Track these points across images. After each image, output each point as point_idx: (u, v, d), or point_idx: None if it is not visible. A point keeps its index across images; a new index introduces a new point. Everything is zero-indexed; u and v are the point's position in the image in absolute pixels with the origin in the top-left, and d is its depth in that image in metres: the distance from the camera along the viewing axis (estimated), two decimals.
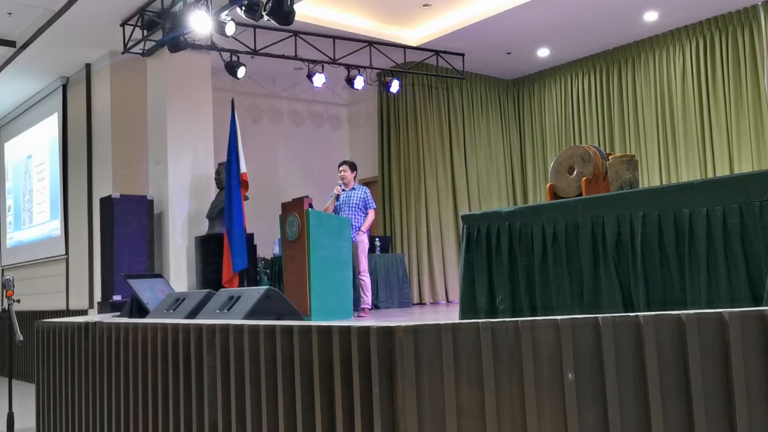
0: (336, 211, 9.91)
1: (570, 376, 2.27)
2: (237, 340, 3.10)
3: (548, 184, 5.71)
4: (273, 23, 9.25)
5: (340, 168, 10.10)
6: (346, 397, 2.47)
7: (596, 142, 13.48)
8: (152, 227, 10.95)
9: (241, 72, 11.45)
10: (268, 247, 12.80)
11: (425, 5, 11.62)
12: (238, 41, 11.14)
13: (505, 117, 15.03)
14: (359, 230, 9.75)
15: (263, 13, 9.02)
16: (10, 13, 10.73)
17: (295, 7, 9.20)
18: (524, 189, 14.96)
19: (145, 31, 10.54)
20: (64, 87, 13.22)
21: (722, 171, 11.74)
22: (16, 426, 6.47)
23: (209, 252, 10.64)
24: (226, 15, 9.39)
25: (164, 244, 11.07)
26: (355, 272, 9.68)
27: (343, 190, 9.95)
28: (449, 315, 9.62)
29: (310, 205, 8.95)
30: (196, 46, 11.04)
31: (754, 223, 4.14)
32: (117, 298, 10.28)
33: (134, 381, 4.03)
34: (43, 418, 5.58)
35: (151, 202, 11.05)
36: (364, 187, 10.13)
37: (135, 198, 10.91)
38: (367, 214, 9.93)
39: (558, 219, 5.16)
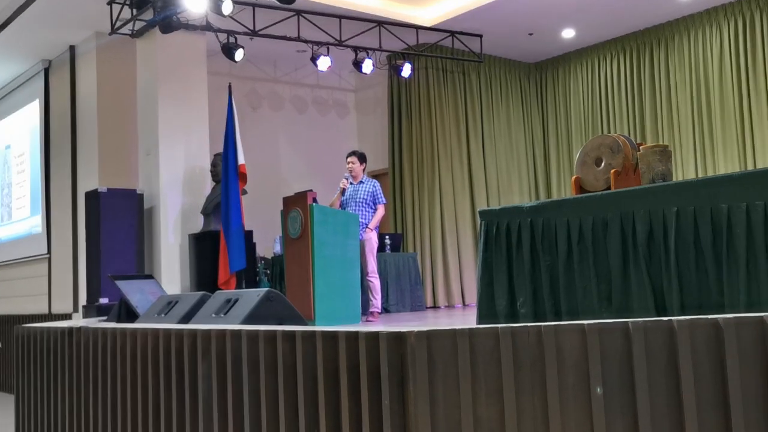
0: (342, 206, 9.91)
1: (598, 390, 2.27)
2: (234, 346, 3.11)
3: (573, 177, 5.71)
4: (274, 2, 9.26)
5: (348, 159, 10.09)
6: (353, 409, 2.47)
7: (626, 131, 13.45)
8: (142, 224, 10.98)
9: (239, 55, 11.45)
10: (268, 245, 12.81)
11: None
12: (236, 21, 11.14)
13: (527, 104, 15.01)
14: (367, 227, 9.74)
15: None
16: None
17: None
18: (547, 182, 14.94)
19: (135, 10, 10.55)
20: (46, 71, 13.25)
21: (763, 162, 11.71)
22: None
23: (204, 251, 10.66)
24: None
25: (155, 242, 11.09)
26: (363, 273, 9.68)
27: (351, 183, 9.95)
28: (465, 319, 9.62)
29: (314, 200, 8.95)
30: (190, 27, 11.05)
31: None
32: (104, 301, 10.30)
33: (122, 391, 4.04)
34: (23, 431, 5.60)
35: (141, 196, 11.06)
36: (374, 181, 10.12)
37: (123, 192, 10.93)
38: (376, 209, 9.92)
39: (584, 215, 5.16)
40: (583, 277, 5.17)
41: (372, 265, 9.77)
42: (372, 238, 9.81)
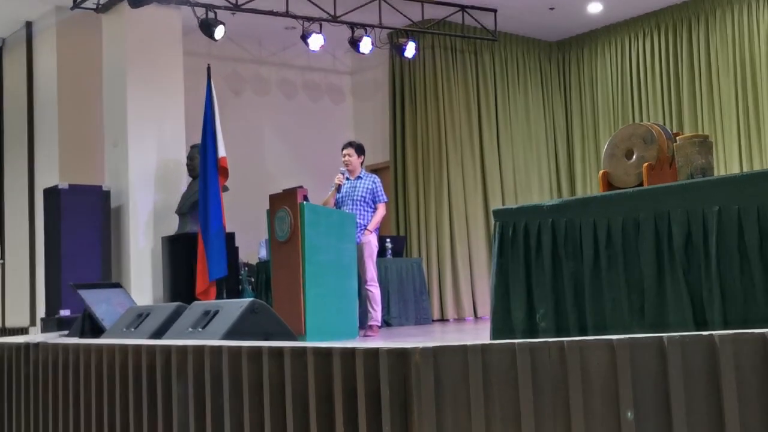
0: (337, 205, 9.90)
1: (629, 414, 2.26)
2: (214, 365, 3.11)
3: (601, 172, 5.70)
4: None
5: (344, 151, 10.08)
6: None
7: (661, 119, 13.45)
8: (109, 225, 10.97)
9: (219, 32, 11.44)
10: (252, 249, 12.81)
11: None
12: None
13: (548, 88, 15.01)
14: (366, 229, 9.74)
15: None
16: None
17: None
18: (571, 178, 14.94)
19: None
20: (0, 51, 13.25)
21: None
22: None
23: (180, 256, 10.66)
24: None
25: (123, 245, 11.09)
26: (361, 281, 9.68)
27: (347, 179, 9.94)
28: (478, 334, 9.62)
29: (305, 198, 8.95)
30: (163, 0, 11.05)
31: None
32: (65, 313, 10.30)
33: (86, 416, 4.04)
34: None
35: (108, 193, 11.06)
36: (373, 176, 10.11)
37: (87, 188, 10.92)
38: (375, 208, 9.91)
39: (613, 215, 5.16)
40: (611, 287, 5.16)
41: (371, 272, 9.76)
42: (371, 242, 9.80)
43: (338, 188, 9.89)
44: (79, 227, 10.65)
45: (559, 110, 15.05)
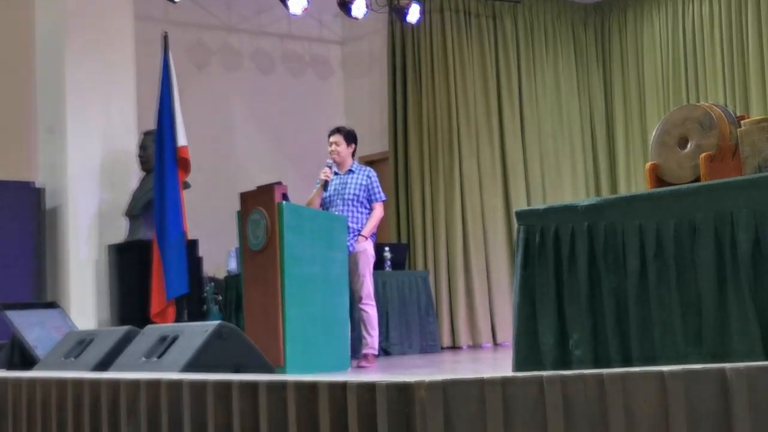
0: (324, 205, 9.90)
1: None
2: (173, 402, 3.11)
3: (648, 164, 5.71)
4: None
5: (331, 139, 10.09)
6: None
7: (722, 99, 13.46)
8: (43, 230, 10.97)
9: None
10: (220, 260, 12.82)
11: None
12: None
13: (583, 61, 15.01)
14: (360, 234, 9.75)
15: None
16: None
17: None
18: (612, 171, 14.95)
19: None
20: None
21: None
22: None
23: (130, 268, 10.66)
24: None
25: (61, 255, 11.09)
26: (354, 299, 9.69)
27: (335, 173, 9.94)
28: (497, 365, 9.64)
29: (285, 196, 8.95)
30: None
31: None
32: None
33: None
34: None
35: (41, 191, 11.05)
36: (368, 169, 10.12)
37: (16, 185, 10.91)
38: (371, 209, 9.92)
39: (664, 217, 5.16)
40: (662, 306, 5.17)
41: (367, 287, 9.77)
42: (367, 250, 9.80)
43: (325, 185, 9.88)
44: (6, 233, 10.64)
45: (597, 88, 15.05)
